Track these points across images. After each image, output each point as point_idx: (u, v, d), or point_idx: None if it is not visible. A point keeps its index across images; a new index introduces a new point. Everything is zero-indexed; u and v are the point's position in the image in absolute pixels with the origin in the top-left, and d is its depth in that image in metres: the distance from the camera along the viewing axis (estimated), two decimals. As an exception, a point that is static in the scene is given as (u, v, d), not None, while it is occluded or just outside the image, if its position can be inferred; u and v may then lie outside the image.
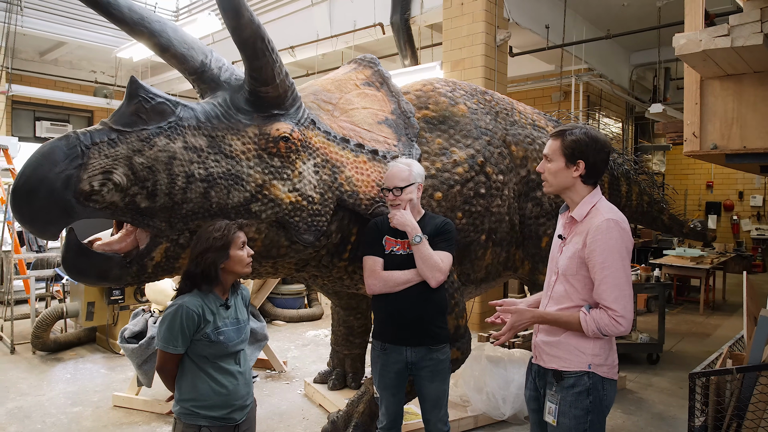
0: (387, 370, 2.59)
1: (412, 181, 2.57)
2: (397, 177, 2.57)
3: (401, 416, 2.73)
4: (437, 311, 2.59)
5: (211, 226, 2.13)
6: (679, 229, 5.98)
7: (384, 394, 2.63)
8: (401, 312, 2.53)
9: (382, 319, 2.63)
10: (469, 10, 6.39)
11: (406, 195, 2.56)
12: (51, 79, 11.22)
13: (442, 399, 2.62)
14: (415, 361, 2.55)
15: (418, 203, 2.64)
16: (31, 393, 4.31)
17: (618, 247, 1.94)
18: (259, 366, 4.93)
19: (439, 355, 2.57)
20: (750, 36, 2.45)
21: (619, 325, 1.92)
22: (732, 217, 12.92)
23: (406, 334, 2.54)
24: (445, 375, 2.62)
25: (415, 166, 2.63)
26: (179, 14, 10.22)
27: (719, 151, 3.03)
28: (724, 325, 7.00)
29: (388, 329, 2.59)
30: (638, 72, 10.61)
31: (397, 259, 2.56)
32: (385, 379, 2.60)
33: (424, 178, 2.71)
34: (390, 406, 2.64)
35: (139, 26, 2.36)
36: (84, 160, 2.05)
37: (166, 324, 2.03)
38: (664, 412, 4.10)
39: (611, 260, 1.93)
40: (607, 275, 1.93)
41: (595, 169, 2.06)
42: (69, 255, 2.18)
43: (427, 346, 2.54)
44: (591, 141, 2.04)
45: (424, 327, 2.54)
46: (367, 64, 3.36)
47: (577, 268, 2.01)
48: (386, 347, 2.59)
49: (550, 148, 2.10)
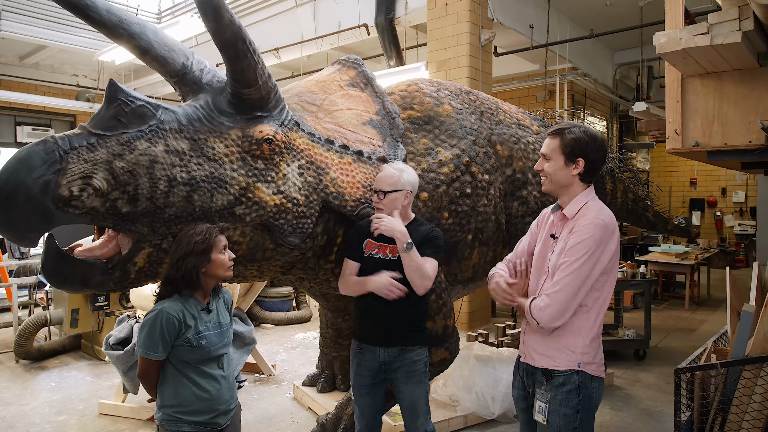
0: (362, 368, 2.56)
1: (399, 188, 2.51)
2: (385, 181, 2.53)
3: (378, 424, 2.64)
4: (415, 313, 2.53)
5: (191, 230, 2.11)
6: (664, 226, 6.05)
7: (358, 396, 2.59)
8: (376, 311, 2.50)
9: (359, 318, 2.61)
10: (454, 11, 6.41)
11: (391, 200, 2.51)
12: (32, 84, 11.05)
13: (419, 404, 2.53)
14: (388, 362, 2.50)
15: (407, 209, 2.58)
16: (14, 402, 4.24)
17: (593, 245, 1.95)
18: (248, 370, 4.89)
19: (413, 356, 2.50)
20: (729, 34, 2.48)
21: (546, 307, 1.96)
22: (715, 213, 13.10)
23: (380, 333, 2.51)
24: (420, 378, 2.53)
25: (407, 174, 2.56)
26: (162, 17, 10.11)
27: (701, 148, 3.06)
28: (709, 320, 7.08)
29: (364, 328, 2.58)
30: (622, 71, 10.71)
31: (374, 263, 2.52)
32: (360, 379, 2.57)
33: (416, 186, 2.63)
34: (365, 409, 2.59)
35: (118, 29, 2.32)
36: (62, 165, 2.01)
37: (146, 330, 2.00)
38: (652, 407, 4.13)
39: (579, 254, 1.94)
40: (568, 263, 1.96)
41: (594, 167, 2.08)
42: (49, 262, 2.14)
43: (401, 347, 2.49)
44: (590, 139, 2.05)
45: (399, 327, 2.49)
46: (351, 65, 3.34)
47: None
48: (362, 347, 2.56)
49: (549, 146, 2.10)
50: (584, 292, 1.97)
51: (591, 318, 2.03)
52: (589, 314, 2.03)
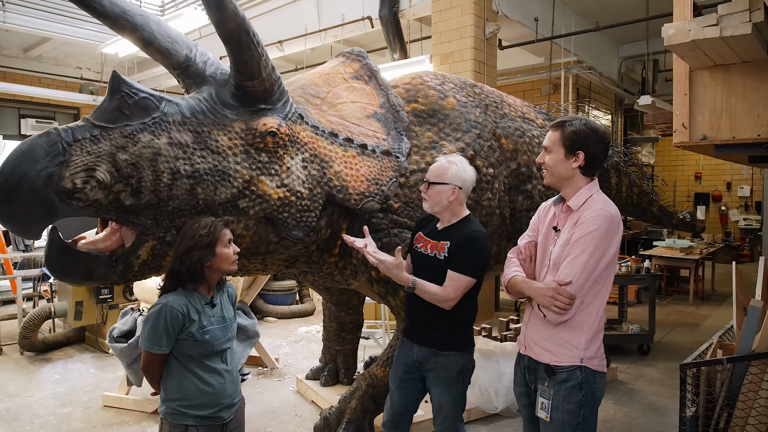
0: (399, 361, 2.58)
1: (446, 181, 2.41)
2: (432, 171, 2.48)
3: (407, 419, 2.59)
4: (452, 317, 2.43)
5: (196, 223, 2.10)
6: (669, 221, 6.01)
7: (393, 387, 2.59)
8: (416, 309, 2.49)
9: (407, 311, 2.61)
10: (458, 3, 6.36)
11: (436, 192, 2.43)
12: (36, 76, 11.05)
13: (445, 408, 2.45)
14: (421, 361, 2.48)
15: (455, 206, 2.46)
16: (19, 394, 4.26)
17: (600, 237, 1.93)
18: (251, 363, 4.90)
19: (445, 361, 2.42)
20: (738, 26, 2.45)
21: (553, 299, 1.93)
22: (720, 207, 13.03)
23: (416, 330, 2.52)
24: (450, 384, 2.44)
25: (458, 168, 2.44)
26: (165, 9, 10.08)
27: (709, 141, 3.02)
28: (714, 315, 7.06)
29: (407, 323, 2.59)
30: (627, 64, 10.63)
31: (417, 257, 2.52)
32: (396, 371, 2.59)
33: (468, 183, 2.47)
34: (395, 402, 2.57)
35: (121, 20, 2.31)
36: (66, 158, 2.01)
37: (150, 324, 1.99)
38: (656, 402, 4.12)
39: (586, 245, 1.93)
40: (575, 256, 1.94)
41: (595, 160, 2.05)
42: (53, 255, 2.14)
43: (433, 349, 2.45)
44: (591, 132, 2.04)
45: (432, 329, 2.46)
46: (355, 58, 3.32)
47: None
48: (404, 340, 2.59)
49: (550, 139, 2.09)
50: (589, 285, 1.96)
51: (593, 313, 2.02)
52: (590, 309, 2.01)
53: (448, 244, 2.41)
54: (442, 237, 2.46)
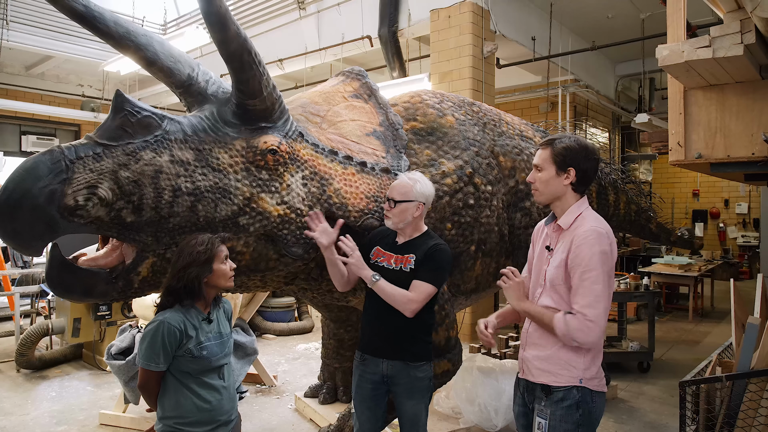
0: (364, 380, 2.52)
1: (411, 198, 2.47)
2: (397, 189, 2.52)
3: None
4: (419, 327, 2.48)
5: (193, 239, 2.11)
6: (667, 238, 6.03)
7: (359, 408, 2.54)
8: (382, 322, 2.47)
9: (364, 328, 2.58)
10: (456, 23, 6.46)
11: (401, 210, 2.48)
12: (37, 93, 11.13)
13: (419, 418, 2.49)
14: (391, 375, 2.45)
15: (418, 221, 2.53)
16: (15, 412, 4.22)
17: (601, 256, 1.94)
18: (249, 380, 4.87)
19: (417, 372, 2.44)
20: (731, 47, 2.50)
21: (590, 331, 1.89)
22: (718, 224, 13.07)
23: (383, 345, 2.47)
24: (423, 394, 2.48)
25: (421, 185, 2.52)
26: (167, 28, 10.21)
27: (704, 160, 3.06)
28: (713, 332, 7.04)
29: (368, 339, 2.54)
30: (624, 82, 10.75)
31: (377, 270, 2.50)
32: (362, 390, 2.53)
33: (430, 198, 2.57)
34: (365, 423, 2.54)
35: (125, 40, 2.35)
36: (68, 175, 2.03)
37: (147, 341, 2.00)
38: (656, 420, 4.10)
39: (592, 267, 1.93)
40: (585, 281, 1.93)
41: (586, 176, 2.07)
42: (53, 271, 2.14)
43: (405, 361, 2.44)
44: (581, 148, 2.05)
45: (402, 340, 2.45)
46: (355, 77, 3.37)
47: (564, 276, 2.00)
48: (365, 358, 2.52)
49: (540, 157, 2.10)
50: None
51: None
52: None
53: (413, 256, 2.46)
54: (405, 251, 2.50)
